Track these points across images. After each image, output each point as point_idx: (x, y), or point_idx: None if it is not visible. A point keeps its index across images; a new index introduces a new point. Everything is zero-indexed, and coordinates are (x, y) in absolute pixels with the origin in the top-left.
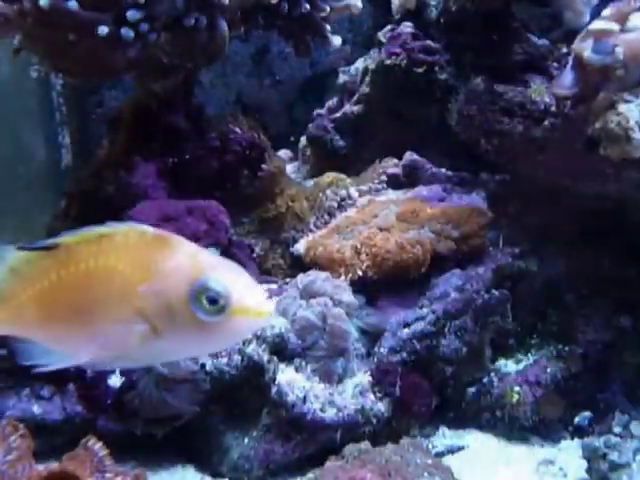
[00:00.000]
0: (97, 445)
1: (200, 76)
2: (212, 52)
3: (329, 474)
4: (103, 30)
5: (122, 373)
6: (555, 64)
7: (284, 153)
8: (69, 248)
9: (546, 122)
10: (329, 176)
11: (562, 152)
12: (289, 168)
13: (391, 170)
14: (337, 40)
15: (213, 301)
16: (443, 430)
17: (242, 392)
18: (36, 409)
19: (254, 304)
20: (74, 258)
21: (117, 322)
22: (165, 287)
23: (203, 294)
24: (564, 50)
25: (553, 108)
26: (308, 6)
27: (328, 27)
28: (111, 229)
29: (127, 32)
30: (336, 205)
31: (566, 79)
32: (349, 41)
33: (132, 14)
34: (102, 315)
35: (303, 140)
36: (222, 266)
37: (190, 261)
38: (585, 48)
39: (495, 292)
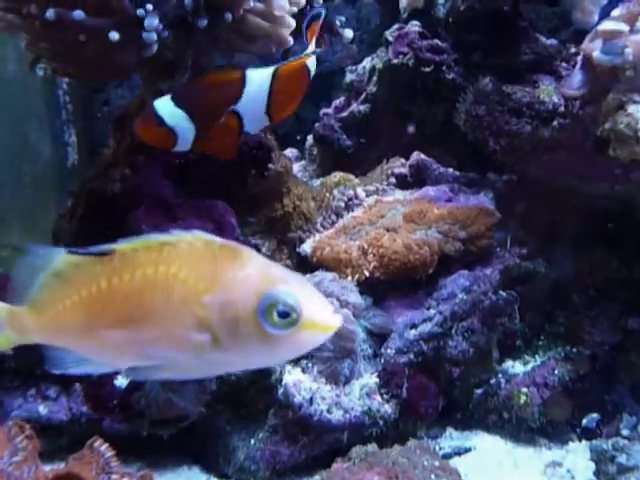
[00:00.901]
0: (103, 446)
1: None
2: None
3: (336, 476)
4: (114, 36)
5: None
6: (564, 64)
7: (290, 152)
8: (125, 255)
9: (555, 122)
10: (336, 176)
11: (571, 153)
12: (295, 167)
13: (398, 170)
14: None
15: (284, 315)
16: (450, 432)
17: (248, 393)
18: (42, 409)
19: (323, 318)
20: (130, 265)
21: (174, 332)
22: (233, 298)
23: (274, 307)
24: (573, 50)
25: (562, 108)
26: None
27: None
28: (175, 237)
29: (149, 36)
30: (343, 205)
31: (575, 79)
32: (356, 40)
33: (149, 22)
34: (156, 324)
35: (310, 139)
36: (292, 279)
37: (260, 273)
38: (594, 48)
39: (503, 293)
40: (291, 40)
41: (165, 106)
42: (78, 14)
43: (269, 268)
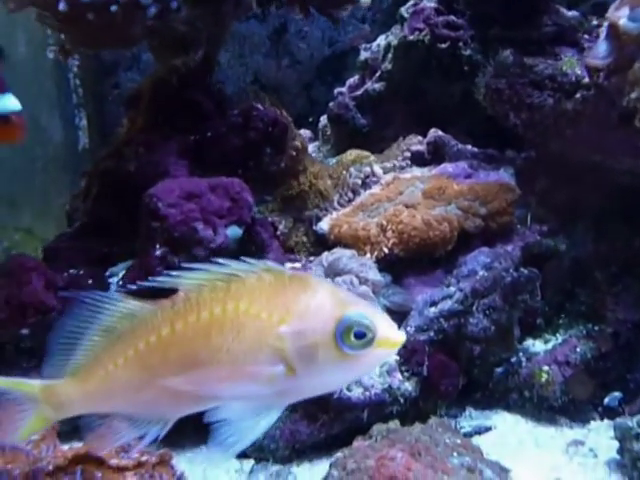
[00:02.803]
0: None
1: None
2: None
3: (358, 453)
4: (115, 8)
5: None
6: (586, 36)
7: (303, 133)
8: (188, 298)
9: (577, 95)
10: (352, 153)
11: (594, 126)
12: (309, 149)
13: (415, 147)
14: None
15: (360, 335)
16: (469, 411)
17: None
18: None
19: (394, 335)
20: (195, 307)
21: (246, 368)
22: (309, 326)
23: (351, 330)
24: (595, 22)
25: (585, 80)
26: None
27: None
28: (243, 270)
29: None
30: (360, 182)
31: (600, 49)
32: (368, 19)
33: None
34: (226, 363)
35: (323, 119)
36: (360, 302)
37: (332, 299)
38: (620, 16)
39: (524, 270)
40: None
41: None
42: None
43: (338, 293)
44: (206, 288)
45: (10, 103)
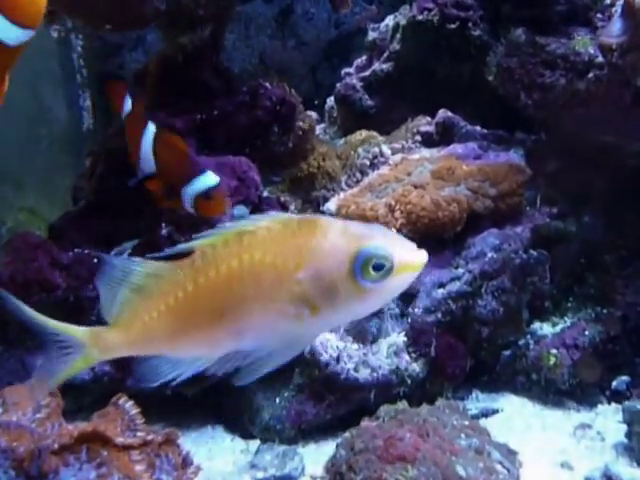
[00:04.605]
0: (128, 403)
1: None
2: None
3: (366, 433)
4: None
5: None
6: (599, 15)
7: None
8: (204, 253)
9: (590, 74)
10: (361, 134)
11: (606, 106)
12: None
13: (424, 128)
14: None
15: (379, 267)
16: (477, 393)
17: None
18: None
19: (413, 258)
20: (213, 262)
21: (271, 314)
22: (325, 267)
23: (369, 264)
24: (608, 1)
25: (598, 60)
26: None
27: None
28: (252, 223)
29: None
30: (368, 163)
31: (614, 27)
32: (375, 0)
33: None
34: (251, 311)
35: (329, 101)
36: (372, 231)
37: (344, 236)
38: None
39: (534, 252)
40: None
41: None
42: None
43: (349, 228)
44: (219, 245)
45: (209, 180)
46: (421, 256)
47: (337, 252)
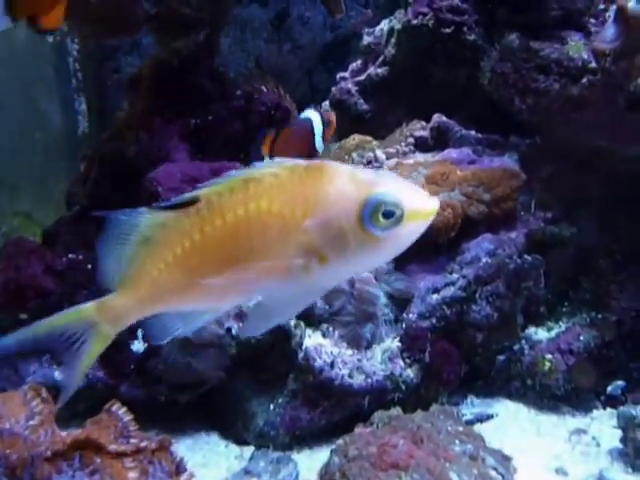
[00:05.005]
0: (121, 410)
1: None
2: None
3: (360, 440)
4: None
5: (145, 338)
6: (593, 20)
7: None
8: (210, 202)
9: (584, 79)
10: (355, 138)
11: (600, 111)
12: None
13: (418, 133)
14: None
15: (388, 215)
16: (471, 398)
17: (268, 357)
18: (57, 375)
19: (423, 205)
20: (219, 210)
21: (279, 263)
22: (333, 215)
23: (378, 211)
24: (602, 6)
25: (592, 65)
26: None
27: None
28: (258, 170)
29: None
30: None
31: (608, 32)
32: (371, 4)
33: None
34: (258, 262)
35: (325, 105)
36: (382, 178)
37: (352, 182)
38: (629, 0)
39: (528, 257)
40: None
41: None
42: None
43: (357, 174)
44: (225, 193)
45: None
46: (433, 203)
47: (345, 199)
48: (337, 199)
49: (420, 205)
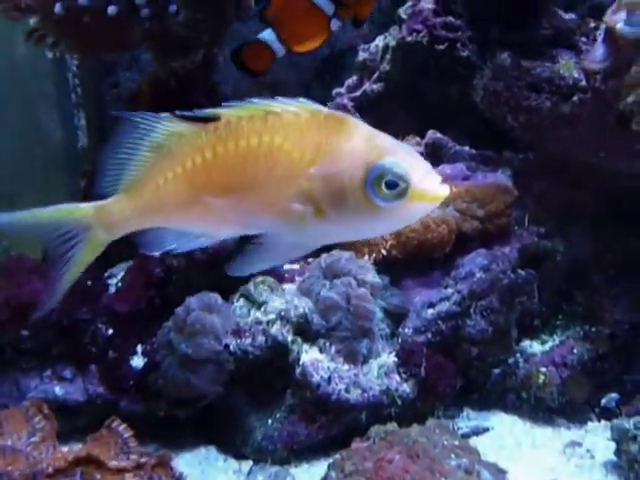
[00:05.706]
0: (121, 426)
1: None
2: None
3: (356, 455)
4: (113, 10)
5: (145, 354)
6: (583, 39)
7: None
8: (229, 123)
9: (575, 98)
10: None
11: (591, 128)
12: None
13: (414, 148)
14: None
15: (392, 186)
16: (467, 412)
17: (266, 373)
18: (58, 390)
19: (432, 189)
20: (234, 134)
21: (277, 202)
22: (339, 170)
23: (382, 178)
24: (592, 25)
25: (582, 83)
26: None
27: None
28: (280, 105)
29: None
30: None
31: (597, 52)
32: (367, 20)
33: None
34: (259, 194)
35: None
36: (399, 149)
37: (367, 144)
38: (617, 20)
39: (522, 272)
40: None
41: None
42: (83, 1)
43: (376, 138)
44: (245, 117)
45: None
46: (443, 189)
47: (354, 158)
48: (347, 156)
49: (429, 187)
